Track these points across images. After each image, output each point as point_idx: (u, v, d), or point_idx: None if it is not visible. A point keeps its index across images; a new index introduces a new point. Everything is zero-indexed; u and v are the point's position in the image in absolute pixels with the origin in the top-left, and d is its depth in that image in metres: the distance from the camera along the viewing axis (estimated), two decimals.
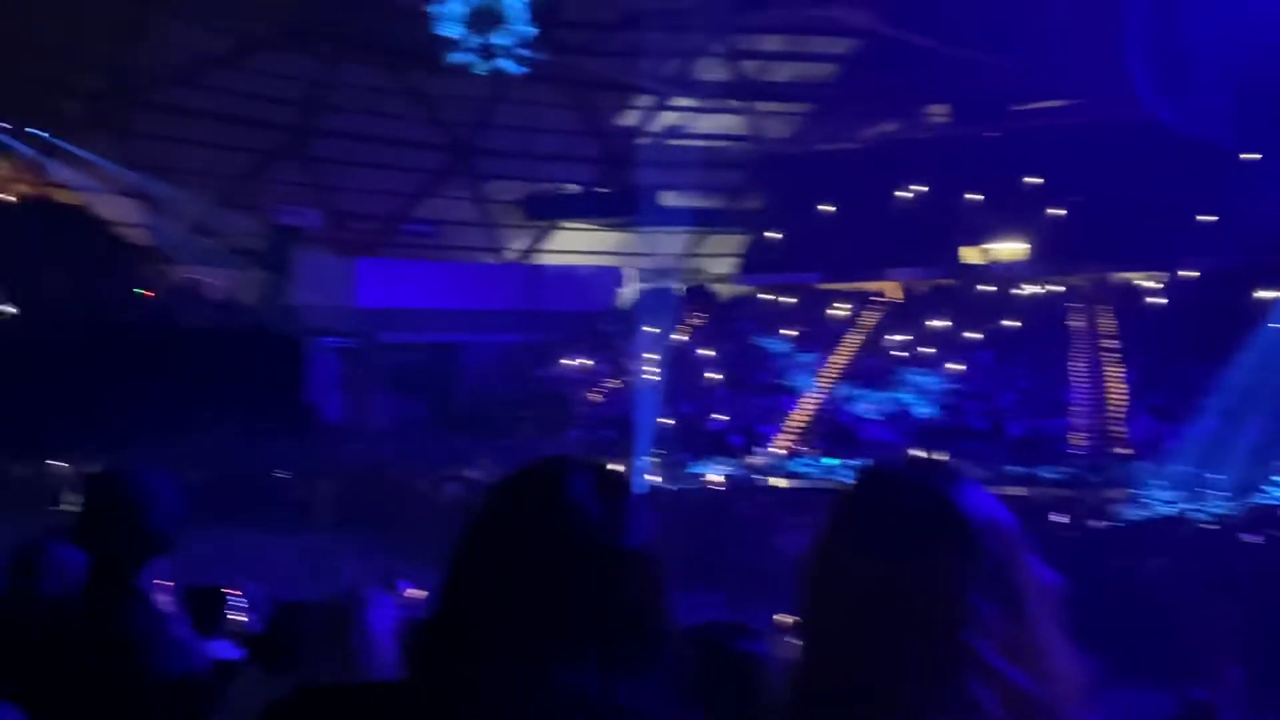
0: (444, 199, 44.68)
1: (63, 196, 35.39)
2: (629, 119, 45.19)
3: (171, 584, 2.53)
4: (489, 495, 1.38)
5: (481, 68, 36.67)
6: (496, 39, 36.15)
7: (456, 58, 36.36)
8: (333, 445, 30.56)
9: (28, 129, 33.64)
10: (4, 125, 33.26)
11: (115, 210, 36.65)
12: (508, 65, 36.69)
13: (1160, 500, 20.87)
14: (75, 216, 34.39)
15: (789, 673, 1.20)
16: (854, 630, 1.12)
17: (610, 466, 1.49)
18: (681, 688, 1.38)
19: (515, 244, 46.32)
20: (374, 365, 37.03)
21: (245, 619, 7.03)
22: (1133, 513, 20.17)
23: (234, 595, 6.85)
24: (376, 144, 41.10)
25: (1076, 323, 34.47)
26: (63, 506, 23.65)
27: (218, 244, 37.85)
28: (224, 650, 5.11)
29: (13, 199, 34.04)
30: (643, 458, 27.74)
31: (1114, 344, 32.32)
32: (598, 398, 34.97)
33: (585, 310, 40.58)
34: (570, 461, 1.40)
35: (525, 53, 36.51)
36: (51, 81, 33.36)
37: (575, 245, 46.62)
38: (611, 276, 45.10)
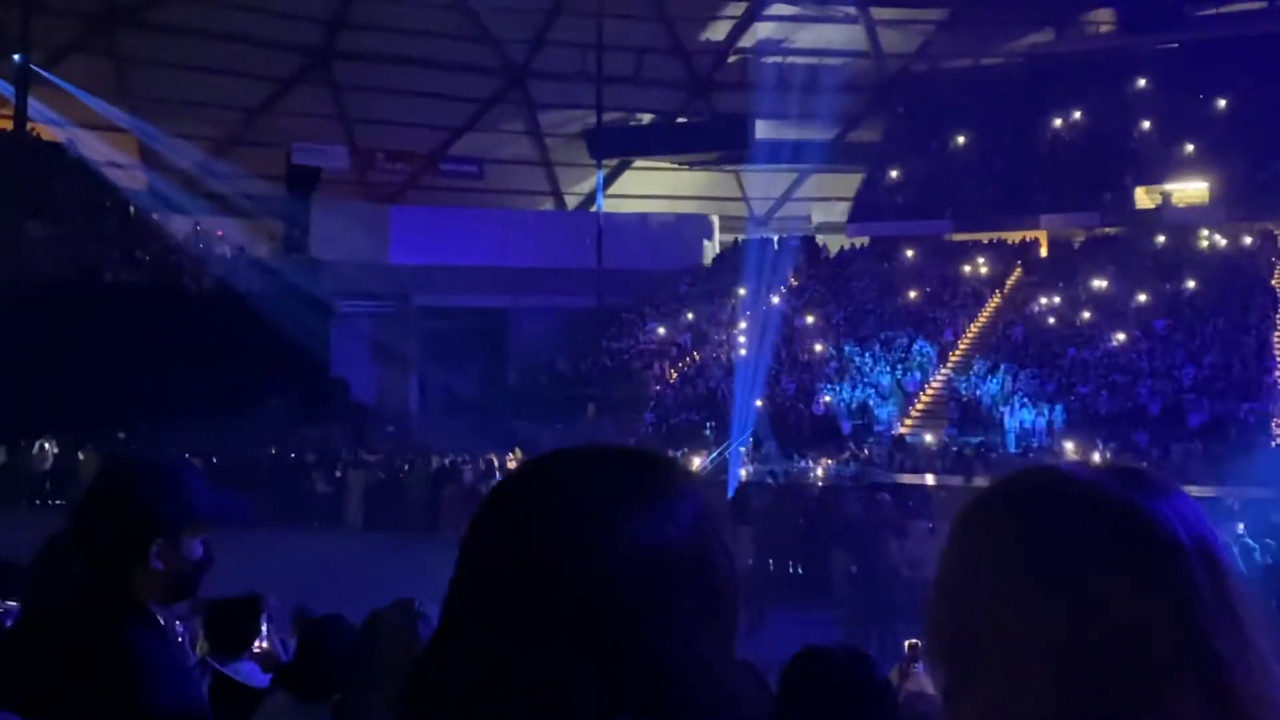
0: (492, 133, 44.92)
1: (43, 134, 36.21)
2: (716, 32, 44.86)
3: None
4: (490, 497, 1.21)
5: None
6: None
7: None
8: (363, 428, 30.93)
9: (2, 55, 34.44)
10: None
11: (104, 151, 37.43)
12: None
13: None
14: (58, 158, 35.16)
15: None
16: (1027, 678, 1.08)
17: (666, 457, 1.29)
18: None
19: (578, 187, 46.36)
20: (410, 333, 37.42)
21: (264, 635, 7.10)
22: None
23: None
24: (412, 67, 41.38)
25: (1276, 281, 33.45)
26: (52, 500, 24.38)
27: (224, 190, 38.48)
28: (251, 674, 5.13)
29: None
30: (733, 447, 27.65)
31: None
32: (677, 374, 34.89)
33: (663, 268, 40.53)
34: (604, 450, 1.24)
35: None
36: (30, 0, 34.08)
37: (651, 188, 46.54)
38: (696, 226, 44.91)
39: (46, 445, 26.13)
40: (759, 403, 29.61)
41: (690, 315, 38.02)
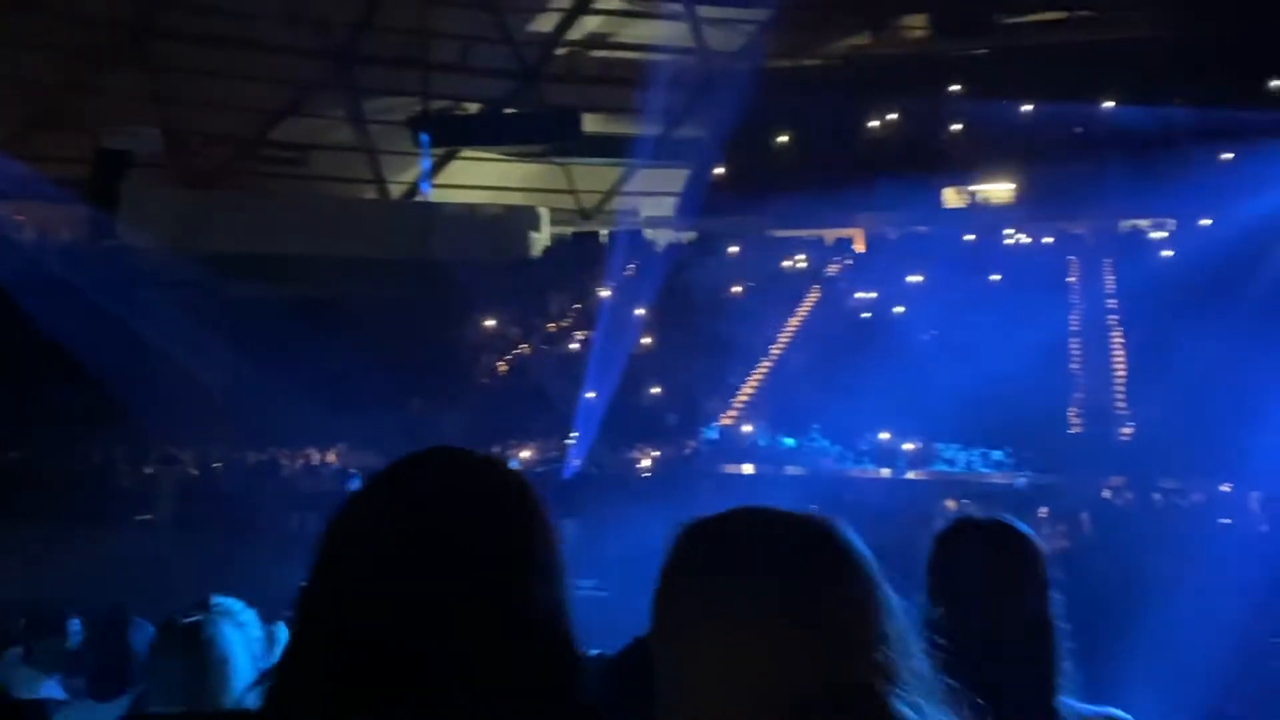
0: (314, 118, 43.96)
1: None
2: (545, 23, 44.79)
3: None
4: (358, 493, 1.36)
5: None
6: None
7: None
8: (175, 423, 30.00)
9: None
10: None
11: None
12: None
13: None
14: None
15: None
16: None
17: (504, 459, 1.53)
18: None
19: (402, 176, 45.73)
20: (228, 324, 36.37)
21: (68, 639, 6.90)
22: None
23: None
24: (231, 48, 40.20)
25: (1072, 278, 35.06)
26: None
27: (28, 173, 36.87)
28: (51, 690, 5.02)
29: None
30: (562, 440, 27.75)
31: (1116, 304, 32.99)
32: (505, 367, 34.80)
33: (492, 260, 40.30)
34: (462, 453, 1.40)
35: None
36: None
37: (480, 179, 46.22)
38: (524, 218, 44.76)
39: None
40: (589, 395, 29.76)
41: (519, 308, 37.91)
